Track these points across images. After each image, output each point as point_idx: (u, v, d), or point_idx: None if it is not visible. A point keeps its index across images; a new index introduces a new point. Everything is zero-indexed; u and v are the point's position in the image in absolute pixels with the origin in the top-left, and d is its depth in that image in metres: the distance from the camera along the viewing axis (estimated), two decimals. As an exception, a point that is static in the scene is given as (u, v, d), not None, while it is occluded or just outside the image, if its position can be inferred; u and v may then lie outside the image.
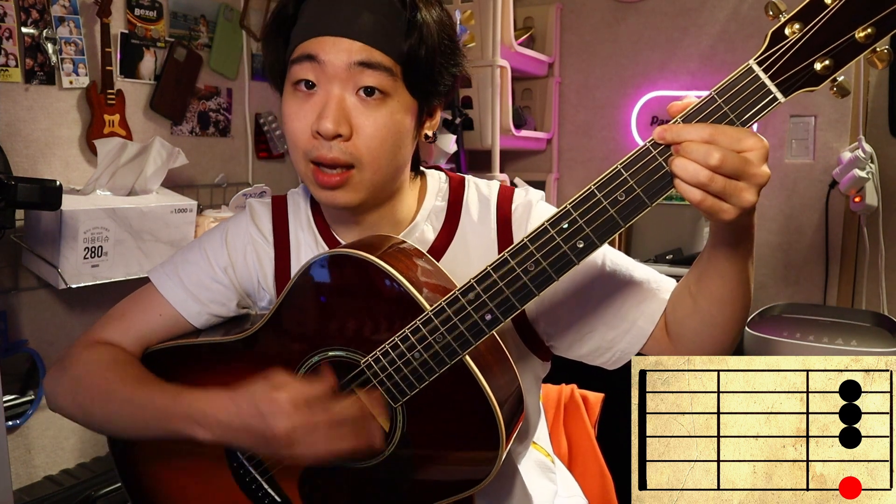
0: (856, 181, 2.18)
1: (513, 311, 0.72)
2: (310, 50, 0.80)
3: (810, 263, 2.45)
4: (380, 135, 0.81)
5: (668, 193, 0.66)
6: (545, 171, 2.94)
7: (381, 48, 0.79)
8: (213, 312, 0.97)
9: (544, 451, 1.10)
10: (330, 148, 0.80)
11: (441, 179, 0.97)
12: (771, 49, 0.62)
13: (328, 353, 0.82)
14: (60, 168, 1.71)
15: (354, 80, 0.79)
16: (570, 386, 1.30)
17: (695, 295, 0.79)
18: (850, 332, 1.97)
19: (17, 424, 1.66)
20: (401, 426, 0.80)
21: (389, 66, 0.80)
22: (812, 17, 0.60)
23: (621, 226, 0.67)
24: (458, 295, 0.73)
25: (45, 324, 1.71)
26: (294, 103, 0.82)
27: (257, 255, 0.96)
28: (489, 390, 0.75)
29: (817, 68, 0.61)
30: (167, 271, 0.97)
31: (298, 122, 0.82)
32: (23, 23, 1.60)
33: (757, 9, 2.45)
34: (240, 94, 2.18)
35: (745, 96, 0.63)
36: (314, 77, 0.80)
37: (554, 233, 0.69)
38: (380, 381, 0.79)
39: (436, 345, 0.75)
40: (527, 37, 2.75)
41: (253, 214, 0.98)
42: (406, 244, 0.86)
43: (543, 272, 0.70)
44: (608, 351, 0.88)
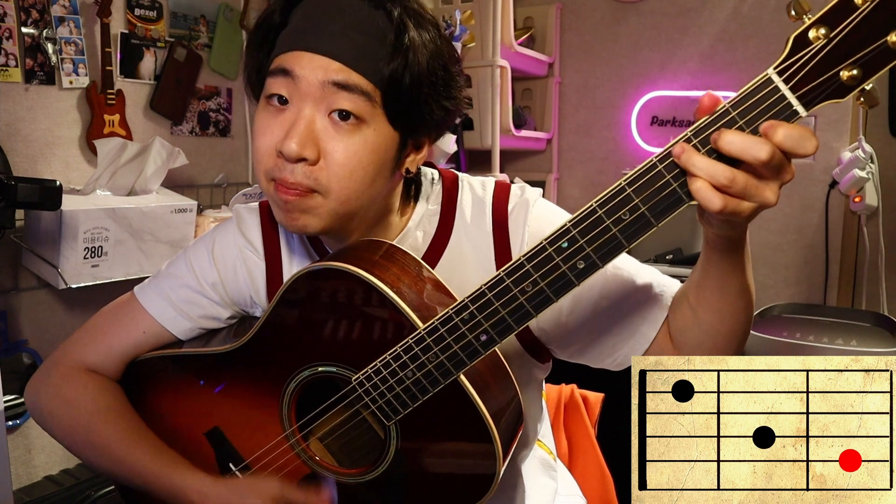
0: (856, 181, 2.19)
1: (509, 331, 0.69)
2: (285, 64, 0.75)
3: (810, 263, 2.45)
4: (349, 164, 0.75)
5: (677, 212, 0.61)
6: (545, 171, 2.94)
7: (359, 70, 0.73)
8: (204, 327, 0.95)
9: (547, 448, 1.09)
10: (292, 171, 0.74)
11: (434, 180, 0.92)
12: (793, 56, 0.56)
13: (318, 368, 0.80)
14: (60, 168, 1.71)
15: (328, 101, 0.74)
16: (570, 386, 1.30)
17: (694, 307, 0.76)
18: (850, 332, 1.97)
19: (17, 424, 1.66)
20: (394, 443, 0.78)
21: (368, 90, 0.74)
22: (840, 20, 0.55)
23: (625, 246, 0.63)
24: (453, 314, 0.70)
25: (45, 324, 1.71)
26: (264, 117, 0.77)
27: (247, 269, 0.92)
28: (485, 410, 0.72)
29: (843, 77, 0.55)
30: (154, 289, 0.94)
31: (264, 138, 0.76)
32: (23, 23, 1.60)
33: (757, 9, 2.45)
34: (240, 94, 2.17)
35: (762, 110, 0.57)
36: (287, 93, 0.75)
37: (552, 251, 0.65)
38: (372, 398, 0.76)
39: (429, 364, 0.72)
40: (527, 37, 2.75)
41: (241, 224, 0.93)
42: (398, 249, 0.82)
43: (541, 293, 0.66)
44: (609, 356, 0.86)
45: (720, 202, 0.58)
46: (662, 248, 2.40)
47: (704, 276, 0.73)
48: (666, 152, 0.61)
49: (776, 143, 0.56)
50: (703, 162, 0.58)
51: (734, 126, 0.58)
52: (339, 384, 0.79)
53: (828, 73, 0.56)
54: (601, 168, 2.86)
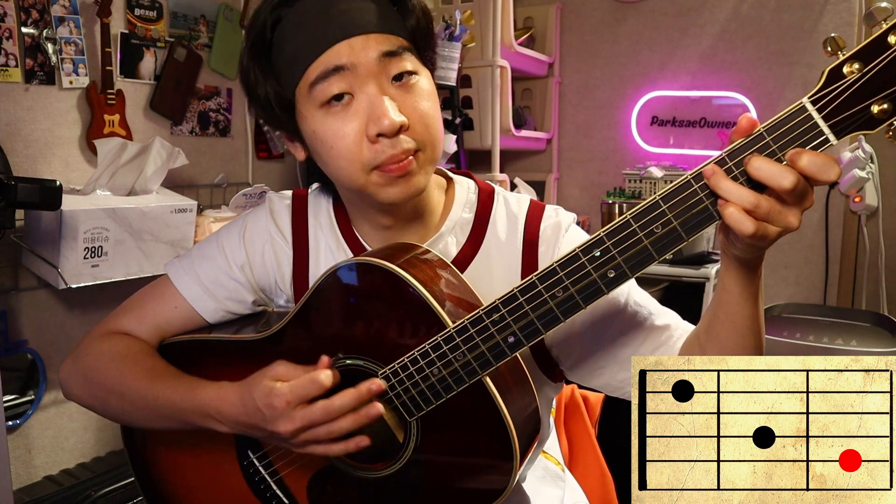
0: (856, 181, 2.19)
1: (536, 335, 0.71)
2: (333, 61, 0.76)
3: (810, 263, 2.45)
4: (427, 110, 0.79)
5: (706, 228, 0.64)
6: (545, 171, 2.94)
7: (393, 32, 0.78)
8: (228, 309, 0.96)
9: (554, 459, 1.10)
10: (396, 144, 0.77)
11: (470, 189, 0.94)
12: (827, 88, 0.59)
13: (346, 360, 0.81)
14: (60, 168, 1.71)
15: (386, 71, 0.78)
16: (571, 386, 1.29)
17: (703, 344, 0.77)
18: (850, 332, 1.98)
19: (17, 424, 1.66)
20: (414, 440, 0.79)
21: (407, 45, 0.79)
22: (873, 57, 0.57)
23: (655, 258, 0.65)
24: (483, 315, 0.72)
25: (45, 324, 1.71)
26: (333, 122, 0.78)
27: (275, 255, 0.94)
28: (507, 412, 0.74)
29: (874, 111, 0.58)
30: (184, 266, 0.96)
31: (345, 138, 0.78)
32: (23, 23, 1.60)
33: (757, 9, 2.45)
34: (240, 94, 2.17)
35: (795, 136, 0.60)
36: (347, 86, 0.77)
37: (585, 260, 0.67)
38: (396, 393, 0.78)
39: (455, 363, 0.73)
40: (527, 37, 2.75)
41: (273, 211, 0.96)
42: (430, 254, 0.84)
43: (571, 299, 0.68)
44: (618, 390, 0.87)
45: (752, 227, 0.60)
46: (662, 248, 2.40)
47: (717, 307, 0.74)
48: (699, 171, 0.63)
49: (799, 168, 0.59)
50: (729, 186, 0.61)
51: (767, 150, 0.61)
52: (365, 378, 0.80)
53: (859, 105, 0.58)
54: (601, 168, 2.86)
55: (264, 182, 2.20)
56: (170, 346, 0.96)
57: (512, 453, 0.74)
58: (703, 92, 2.61)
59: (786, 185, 0.59)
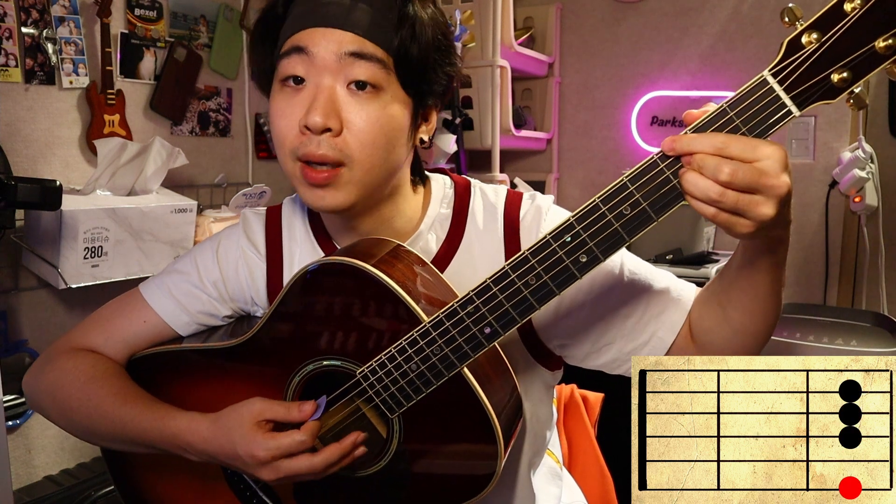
0: (856, 181, 2.19)
1: (513, 324, 0.71)
2: (299, 42, 0.77)
3: (810, 263, 2.45)
4: (372, 130, 0.77)
5: (675, 208, 0.63)
6: (545, 171, 2.94)
7: (373, 39, 0.77)
8: (201, 322, 0.96)
9: (555, 456, 1.10)
10: (318, 144, 0.76)
11: (446, 185, 0.93)
12: (787, 59, 0.59)
13: (322, 362, 0.81)
14: (60, 168, 1.71)
15: (345, 72, 0.76)
16: (570, 386, 1.29)
17: (724, 305, 0.76)
18: (850, 332, 1.97)
19: (17, 424, 1.66)
20: (397, 436, 0.79)
21: (382, 57, 0.77)
22: (831, 26, 0.57)
23: (626, 240, 0.65)
24: (457, 307, 0.71)
25: (45, 324, 1.71)
26: (282, 100, 0.79)
27: (249, 269, 0.94)
28: (487, 403, 0.74)
29: (834, 80, 0.58)
30: (155, 281, 0.96)
31: (285, 119, 0.78)
32: (23, 23, 1.60)
33: (757, 9, 2.45)
34: (240, 94, 2.18)
35: (758, 109, 0.60)
36: (303, 71, 0.77)
37: (556, 246, 0.67)
38: (376, 391, 0.77)
39: (433, 357, 0.73)
40: (527, 37, 2.75)
41: (246, 227, 0.96)
42: (404, 248, 0.83)
43: (545, 286, 0.68)
44: (626, 363, 0.86)
45: (711, 211, 0.61)
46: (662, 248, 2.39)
47: (739, 275, 0.73)
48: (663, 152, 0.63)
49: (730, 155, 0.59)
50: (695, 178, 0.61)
51: (731, 125, 0.61)
52: (343, 379, 0.80)
53: (819, 75, 0.58)
54: (601, 168, 2.86)
55: (264, 182, 2.20)
56: (141, 358, 0.95)
57: (496, 442, 0.74)
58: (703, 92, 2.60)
59: (722, 178, 0.59)
